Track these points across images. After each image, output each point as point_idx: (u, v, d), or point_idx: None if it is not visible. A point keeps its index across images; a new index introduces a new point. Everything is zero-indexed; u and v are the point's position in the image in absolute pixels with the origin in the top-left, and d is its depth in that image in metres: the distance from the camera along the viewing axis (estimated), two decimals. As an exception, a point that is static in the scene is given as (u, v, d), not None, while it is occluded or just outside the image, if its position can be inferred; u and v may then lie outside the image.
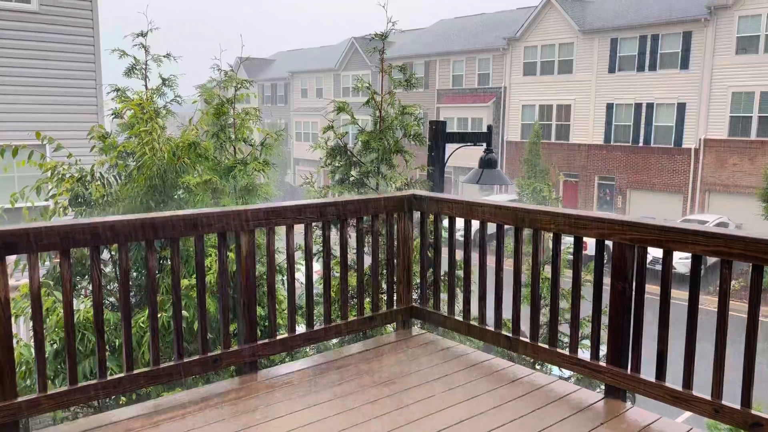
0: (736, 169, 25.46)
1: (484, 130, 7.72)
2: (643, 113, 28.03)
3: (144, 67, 6.85)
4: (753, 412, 2.76)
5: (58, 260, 4.90)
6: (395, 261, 4.23)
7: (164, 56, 6.95)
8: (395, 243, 4.20)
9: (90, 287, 5.52)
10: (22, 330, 7.56)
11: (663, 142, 27.61)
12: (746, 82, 24.73)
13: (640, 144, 28.28)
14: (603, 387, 3.40)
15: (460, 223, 4.03)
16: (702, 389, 2.96)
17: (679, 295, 3.64)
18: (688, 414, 4.96)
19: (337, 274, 4.14)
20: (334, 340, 5.34)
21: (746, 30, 24.69)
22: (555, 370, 6.82)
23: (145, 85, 6.87)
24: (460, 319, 4.04)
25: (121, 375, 3.08)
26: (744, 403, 2.79)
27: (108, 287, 5.27)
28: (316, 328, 3.86)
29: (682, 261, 17.41)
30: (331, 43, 49.68)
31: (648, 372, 3.15)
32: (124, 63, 6.85)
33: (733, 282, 18.08)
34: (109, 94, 6.78)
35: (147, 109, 5.44)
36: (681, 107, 26.84)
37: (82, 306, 4.78)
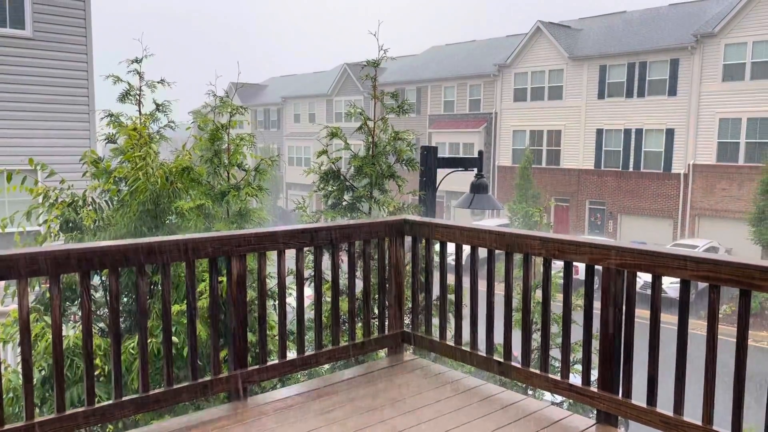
0: (724, 194, 25.71)
1: (476, 155, 7.80)
2: (633, 139, 28.36)
3: (138, 92, 6.89)
4: (743, 437, 2.76)
5: (48, 285, 4.88)
6: (387, 286, 4.23)
7: (158, 82, 7.01)
8: (387, 268, 4.21)
9: (79, 312, 5.50)
10: (9, 356, 7.47)
11: (652, 167, 27.89)
12: (733, 109, 25.11)
13: (630, 169, 28.55)
14: (595, 412, 3.39)
15: (451, 248, 4.05)
16: (693, 412, 2.96)
17: (670, 320, 3.65)
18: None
19: (329, 299, 4.14)
20: (326, 366, 5.31)
21: (732, 57, 25.15)
22: (547, 395, 6.80)
23: (139, 111, 6.91)
24: (452, 344, 4.04)
25: (110, 402, 3.04)
26: (735, 428, 2.79)
27: (98, 312, 5.24)
28: (307, 353, 3.84)
29: (673, 285, 17.41)
30: (323, 69, 50.15)
31: (639, 397, 3.16)
32: (118, 88, 6.89)
33: (724, 306, 18.15)
34: (103, 119, 6.81)
35: (142, 134, 5.47)
36: (669, 133, 27.18)
37: (72, 332, 4.74)
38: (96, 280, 5.18)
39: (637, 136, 28.23)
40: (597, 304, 3.30)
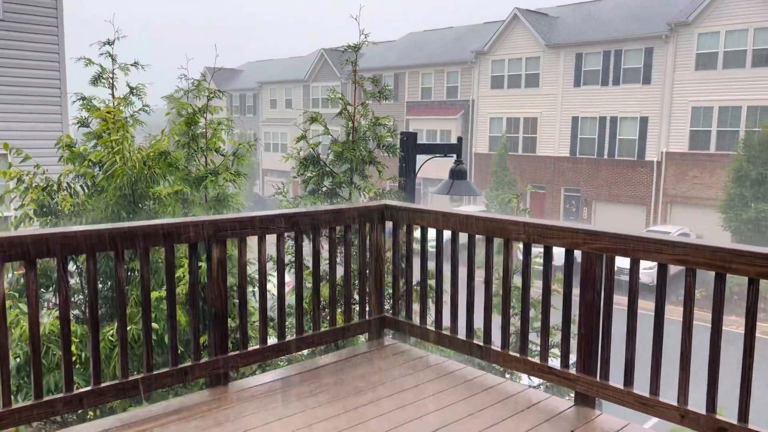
0: (696, 182, 26.19)
1: (453, 142, 7.80)
2: (608, 126, 28.67)
3: (111, 75, 6.75)
4: (718, 417, 2.84)
5: (22, 271, 4.79)
6: (367, 271, 4.24)
7: (132, 65, 6.87)
8: (368, 253, 4.21)
9: (54, 299, 5.41)
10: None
11: (627, 155, 28.26)
12: (705, 97, 25.52)
13: (605, 157, 28.90)
14: (572, 395, 3.45)
15: (432, 233, 4.07)
16: (670, 395, 3.03)
17: (643, 305, 3.71)
18: (655, 420, 5.07)
19: (309, 285, 4.13)
20: (305, 352, 5.30)
21: (705, 47, 25.52)
22: (524, 379, 6.89)
23: (112, 94, 6.77)
24: (432, 328, 4.07)
25: (89, 388, 3.01)
26: (709, 408, 2.87)
27: (72, 299, 5.16)
28: (288, 339, 3.84)
29: (645, 271, 17.72)
30: (300, 54, 49.68)
31: (617, 380, 3.22)
32: (90, 71, 6.74)
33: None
34: (75, 103, 6.66)
35: (117, 117, 5.37)
36: (644, 121, 27.54)
37: (46, 319, 4.66)
38: (71, 266, 5.10)
39: (612, 123, 28.55)
40: (576, 291, 3.35)
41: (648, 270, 15.51)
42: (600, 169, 29.06)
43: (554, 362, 3.54)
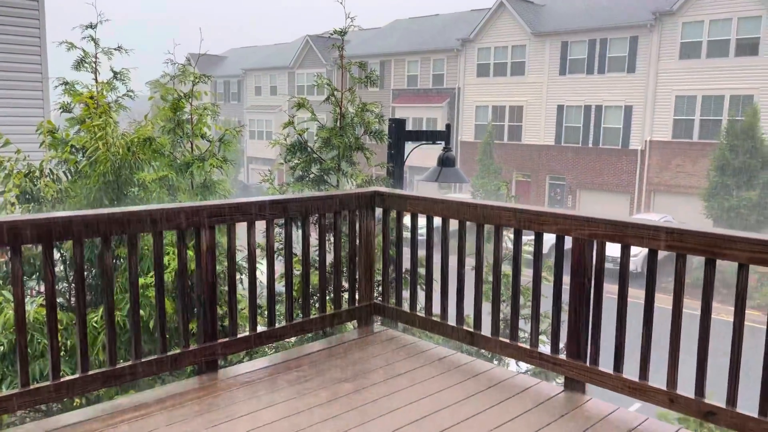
0: (679, 170, 26.43)
1: (439, 130, 7.78)
2: (593, 115, 28.80)
3: (94, 60, 6.63)
4: (706, 401, 2.87)
5: (4, 258, 4.70)
6: (357, 258, 4.22)
7: (115, 49, 6.74)
8: (358, 240, 4.19)
9: (37, 287, 5.32)
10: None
11: (611, 144, 28.43)
12: (689, 86, 25.70)
13: (590, 145, 29.04)
14: (561, 380, 3.47)
15: (422, 221, 4.05)
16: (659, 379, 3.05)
17: (630, 293, 3.72)
18: (638, 404, 5.12)
19: (298, 273, 4.10)
20: (293, 339, 5.28)
21: (689, 36, 25.66)
22: (512, 365, 6.93)
23: (95, 79, 6.65)
24: (422, 315, 4.06)
25: (76, 376, 2.97)
26: (698, 392, 2.89)
27: (57, 287, 5.08)
28: (277, 326, 3.82)
29: (631, 259, 17.84)
30: (285, 41, 49.24)
31: (606, 365, 3.24)
32: (72, 55, 6.61)
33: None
34: (57, 87, 6.54)
35: (100, 102, 5.27)
36: (628, 110, 27.68)
37: (31, 306, 4.59)
38: (55, 254, 5.02)
39: (596, 112, 28.67)
40: (566, 279, 3.35)
41: (632, 258, 15.62)
42: (585, 158, 29.22)
43: (544, 348, 3.55)
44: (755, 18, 23.89)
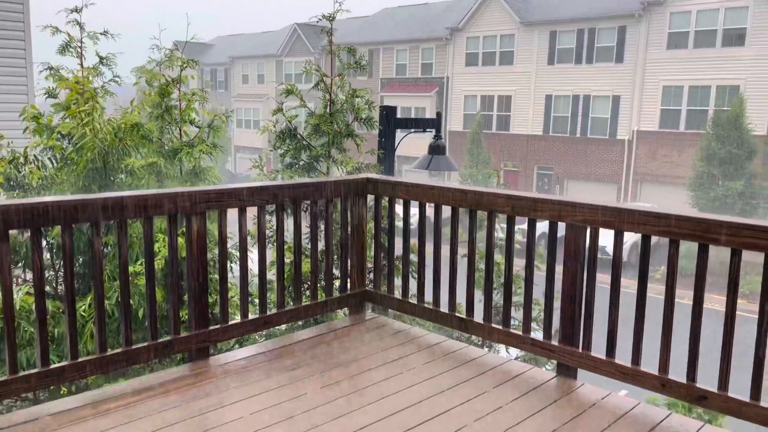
0: (666, 160, 26.59)
1: (430, 117, 7.75)
2: (581, 105, 28.85)
3: (79, 44, 6.51)
4: (698, 386, 2.88)
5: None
6: (349, 245, 4.19)
7: (101, 33, 6.63)
8: (349, 227, 4.16)
9: (23, 275, 5.25)
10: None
11: (599, 134, 28.52)
12: (676, 77, 25.81)
13: (578, 135, 29.12)
14: (554, 366, 3.47)
15: (414, 209, 4.03)
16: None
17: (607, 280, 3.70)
18: (624, 391, 5.17)
19: (289, 261, 4.07)
20: (283, 327, 5.26)
21: (677, 26, 25.73)
22: (503, 352, 6.96)
23: (81, 64, 6.54)
24: (415, 302, 4.05)
25: (65, 363, 2.93)
26: (690, 377, 2.91)
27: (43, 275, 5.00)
28: (269, 313, 3.79)
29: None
30: (272, 29, 48.82)
31: (599, 351, 3.25)
32: (57, 40, 6.49)
33: (662, 268, 18.92)
34: (42, 72, 6.42)
35: (86, 88, 5.18)
36: (616, 100, 27.77)
37: (17, 295, 4.53)
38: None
39: (584, 102, 28.73)
40: (559, 268, 3.35)
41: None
42: (572, 148, 29.30)
43: (536, 334, 3.56)
44: (742, 8, 24.00)
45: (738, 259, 2.74)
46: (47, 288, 5.07)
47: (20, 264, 4.97)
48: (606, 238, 3.14)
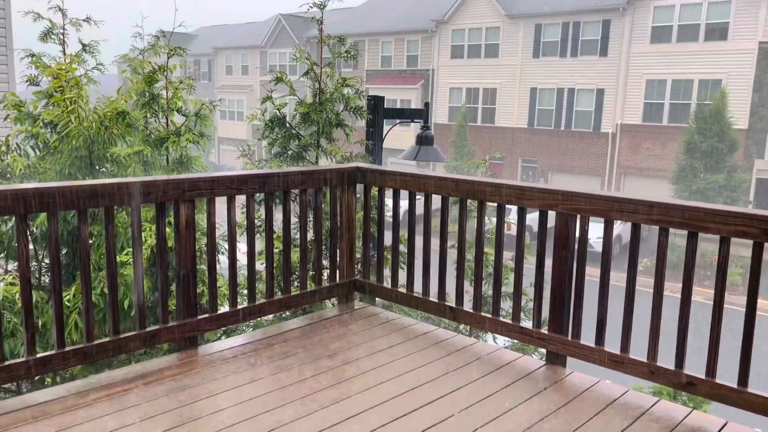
0: (648, 153, 26.84)
1: (418, 108, 7.73)
2: (565, 98, 29.00)
3: (61, 31, 6.40)
4: (686, 372, 2.91)
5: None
6: (338, 234, 4.17)
7: (84, 20, 6.52)
8: (338, 216, 4.15)
9: (4, 265, 5.16)
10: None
11: (583, 127, 28.70)
12: (659, 70, 26.02)
13: (562, 128, 29.28)
14: (543, 354, 3.49)
15: (403, 201, 4.02)
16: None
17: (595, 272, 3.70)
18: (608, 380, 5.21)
19: (278, 250, 4.05)
20: (271, 317, 5.23)
21: (660, 20, 25.91)
22: (490, 341, 6.98)
23: (63, 51, 6.43)
24: (404, 291, 4.05)
25: (52, 352, 2.89)
26: (678, 364, 2.94)
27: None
28: (258, 302, 3.77)
29: (599, 240, 18.10)
30: (257, 20, 48.38)
31: (588, 340, 3.27)
32: (39, 26, 6.38)
33: (645, 260, 19.12)
34: (23, 60, 6.31)
35: (72, 74, 5.10)
36: (600, 93, 27.94)
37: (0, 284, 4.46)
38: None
39: (569, 95, 28.87)
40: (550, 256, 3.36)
41: (597, 240, 15.81)
42: (557, 141, 29.46)
43: (526, 323, 3.57)
44: (725, 3, 24.22)
45: (727, 246, 2.76)
46: (32, 279, 4.99)
47: (2, 254, 4.90)
48: (592, 232, 3.15)
